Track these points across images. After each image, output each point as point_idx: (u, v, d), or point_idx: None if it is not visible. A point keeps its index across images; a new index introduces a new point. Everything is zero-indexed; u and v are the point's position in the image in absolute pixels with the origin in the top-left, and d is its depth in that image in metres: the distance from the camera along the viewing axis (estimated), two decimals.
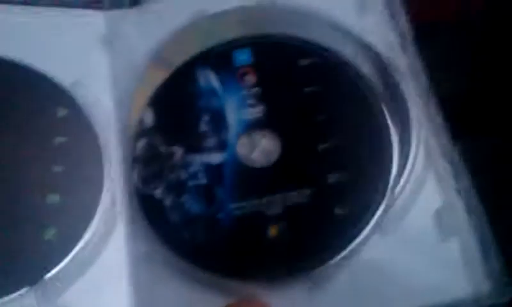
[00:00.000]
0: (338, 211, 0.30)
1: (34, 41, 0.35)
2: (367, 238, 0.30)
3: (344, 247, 0.30)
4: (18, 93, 0.34)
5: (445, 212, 0.31)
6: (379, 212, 0.30)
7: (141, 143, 0.33)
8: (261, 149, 0.32)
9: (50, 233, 0.31)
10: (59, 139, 0.33)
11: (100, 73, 0.35)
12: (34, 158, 0.33)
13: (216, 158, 0.32)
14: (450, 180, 0.31)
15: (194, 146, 0.33)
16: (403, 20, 0.34)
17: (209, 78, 0.34)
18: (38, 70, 0.35)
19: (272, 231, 0.30)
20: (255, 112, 0.33)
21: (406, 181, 0.31)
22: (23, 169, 0.33)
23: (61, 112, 0.34)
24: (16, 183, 0.32)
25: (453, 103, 0.33)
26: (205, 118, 0.33)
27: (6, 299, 0.30)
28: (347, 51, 0.34)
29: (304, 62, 0.34)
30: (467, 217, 0.30)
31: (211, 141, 0.33)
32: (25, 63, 0.35)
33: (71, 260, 0.31)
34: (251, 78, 0.34)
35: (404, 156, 0.32)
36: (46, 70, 0.35)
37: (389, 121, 0.32)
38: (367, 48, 0.34)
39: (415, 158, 0.32)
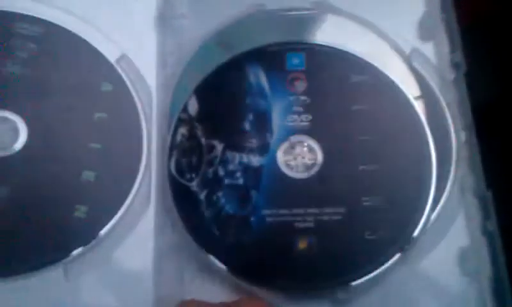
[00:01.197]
0: (368, 235, 0.31)
1: (87, 12, 0.35)
2: (393, 266, 0.31)
3: (370, 271, 0.30)
4: (64, 61, 0.34)
5: (469, 252, 0.31)
6: (409, 242, 0.31)
7: (182, 131, 0.33)
8: (301, 159, 0.32)
9: (81, 211, 0.31)
10: (100, 115, 0.33)
11: (148, 52, 0.35)
12: (74, 131, 0.33)
13: (255, 160, 0.32)
14: (479, 221, 0.32)
15: (235, 144, 0.33)
16: (460, 54, 0.34)
17: (259, 77, 0.34)
18: (87, 40, 0.34)
19: (302, 243, 0.31)
20: (300, 120, 0.33)
21: (437, 217, 0.32)
22: (61, 141, 0.32)
23: (105, 86, 0.34)
24: (52, 155, 0.32)
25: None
26: (250, 117, 0.33)
27: (34, 273, 0.30)
28: (400, 76, 0.34)
29: (355, 79, 0.33)
30: (489, 261, 0.31)
31: (253, 142, 0.33)
32: (75, 32, 0.34)
33: (100, 240, 0.31)
34: (301, 85, 0.34)
35: (440, 190, 0.32)
36: (95, 42, 0.34)
37: (432, 154, 0.32)
38: (420, 77, 0.34)
39: (449, 194, 0.32)
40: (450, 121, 0.34)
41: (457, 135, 0.33)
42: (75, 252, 0.30)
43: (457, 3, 0.35)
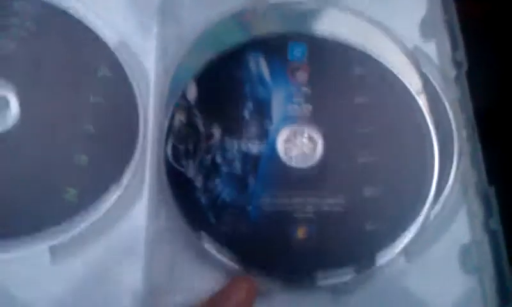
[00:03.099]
0: (369, 226, 0.30)
1: None
2: (393, 259, 0.30)
3: (369, 264, 0.29)
4: (63, 43, 0.33)
5: (471, 249, 0.31)
6: (409, 236, 0.30)
7: (180, 116, 0.32)
8: (301, 149, 0.32)
9: (71, 194, 0.30)
10: (96, 99, 0.32)
11: (148, 40, 0.34)
12: (67, 113, 0.32)
13: (254, 148, 0.31)
14: (481, 218, 0.31)
15: (234, 131, 0.32)
16: (462, 52, 0.34)
17: (260, 66, 0.33)
18: (87, 24, 0.33)
19: (300, 233, 0.30)
20: (301, 110, 0.32)
21: (439, 211, 0.31)
22: (54, 123, 0.31)
23: (102, 71, 0.33)
24: (45, 136, 0.31)
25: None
26: (249, 105, 0.32)
27: (19, 254, 0.29)
28: (402, 72, 0.33)
29: (358, 71, 0.33)
30: (491, 258, 0.30)
31: (252, 130, 0.32)
32: (76, 16, 0.33)
33: (89, 224, 0.30)
34: (302, 76, 0.33)
35: (441, 185, 0.31)
36: (95, 26, 0.33)
37: (434, 148, 0.31)
38: (422, 74, 0.33)
39: (452, 190, 0.31)
40: (452, 118, 0.33)
41: (459, 132, 0.33)
42: (63, 236, 0.29)
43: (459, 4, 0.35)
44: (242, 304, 0.27)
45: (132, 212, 0.31)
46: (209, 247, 0.29)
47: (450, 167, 0.32)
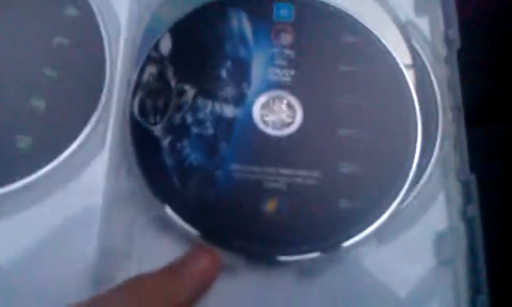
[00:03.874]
0: (342, 203, 0.28)
1: None
2: (365, 240, 0.28)
3: (339, 244, 0.28)
4: None
5: (446, 236, 0.29)
6: (384, 217, 0.28)
7: (151, 69, 0.30)
8: (278, 116, 0.29)
9: (24, 142, 0.27)
10: (60, 40, 0.29)
11: None
12: (26, 53, 0.29)
13: (229, 111, 0.29)
14: (459, 206, 0.30)
15: (209, 91, 0.29)
16: (455, 30, 0.32)
17: (242, 23, 0.31)
18: None
19: (270, 205, 0.28)
20: (282, 74, 0.30)
21: (417, 195, 0.29)
22: (10, 63, 0.28)
23: (69, 10, 0.30)
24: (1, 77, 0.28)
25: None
26: (227, 64, 0.30)
27: None
28: (392, 43, 0.31)
29: (346, 39, 0.31)
30: (467, 247, 0.29)
31: (228, 92, 0.30)
32: None
33: (42, 176, 0.27)
34: (287, 38, 0.31)
35: (422, 168, 0.30)
36: None
37: (418, 127, 0.30)
38: (413, 49, 0.31)
39: (432, 173, 0.30)
40: (438, 97, 0.31)
41: (445, 113, 0.31)
42: (10, 187, 0.27)
43: None
44: (202, 274, 0.26)
45: (91, 168, 0.28)
46: (171, 213, 0.27)
47: (432, 149, 0.30)
